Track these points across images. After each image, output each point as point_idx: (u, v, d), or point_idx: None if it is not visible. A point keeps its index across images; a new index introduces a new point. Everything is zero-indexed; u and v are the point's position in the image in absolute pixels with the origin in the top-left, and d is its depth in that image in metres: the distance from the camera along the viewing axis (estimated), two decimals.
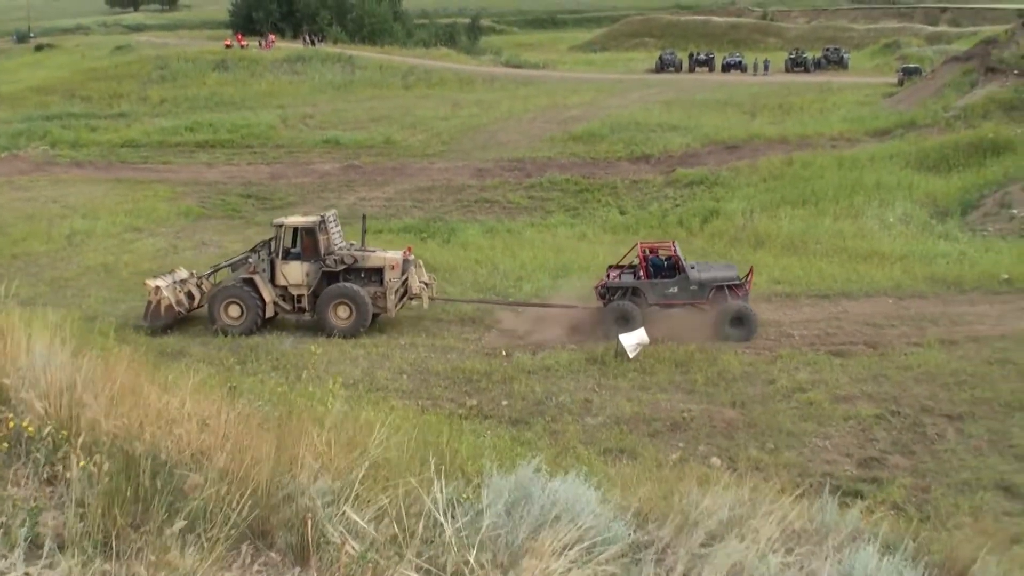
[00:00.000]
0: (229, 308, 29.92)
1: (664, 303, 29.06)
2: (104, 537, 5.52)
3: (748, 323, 28.60)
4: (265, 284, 30.19)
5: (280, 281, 30.40)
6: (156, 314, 29.74)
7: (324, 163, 55.78)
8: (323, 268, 30.23)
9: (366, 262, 30.64)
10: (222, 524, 5.66)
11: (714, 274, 29.62)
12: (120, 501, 5.70)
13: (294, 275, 30.32)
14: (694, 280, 29.03)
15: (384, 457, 7.28)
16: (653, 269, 29.75)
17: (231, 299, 29.96)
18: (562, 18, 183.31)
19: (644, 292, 29.07)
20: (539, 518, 6.05)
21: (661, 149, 55.13)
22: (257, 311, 29.91)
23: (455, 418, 21.41)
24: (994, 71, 65.77)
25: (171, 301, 29.82)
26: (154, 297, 29.70)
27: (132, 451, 6.23)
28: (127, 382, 7.95)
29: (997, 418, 22.92)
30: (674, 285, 29.08)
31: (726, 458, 21.06)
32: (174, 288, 30.26)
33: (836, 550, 6.95)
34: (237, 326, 29.71)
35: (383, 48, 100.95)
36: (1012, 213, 41.54)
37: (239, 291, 30.03)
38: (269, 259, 30.54)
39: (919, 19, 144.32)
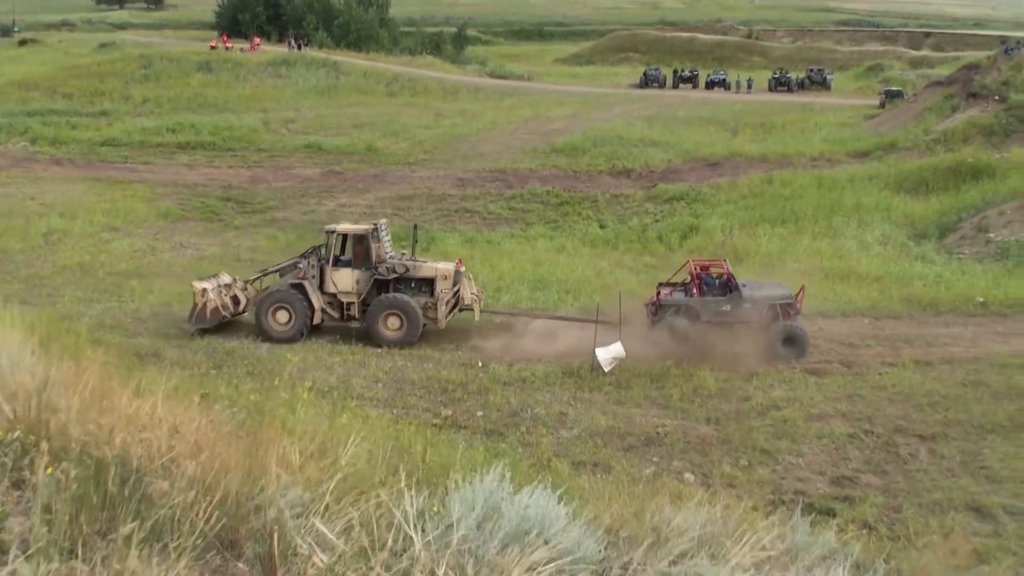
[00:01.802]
0: (277, 313, 29.68)
1: (716, 321, 28.71)
2: (70, 544, 5.46)
3: (800, 342, 28.48)
4: (314, 290, 29.96)
5: (329, 288, 30.19)
6: (202, 316, 29.62)
7: (305, 168, 55.70)
8: (375, 276, 30.03)
9: (418, 272, 30.45)
10: (189, 533, 5.61)
11: (766, 292, 29.33)
12: (87, 508, 5.65)
13: (344, 282, 30.15)
14: (747, 298, 28.75)
15: (356, 467, 7.24)
16: (705, 287, 29.59)
17: (280, 304, 29.70)
18: (549, 30, 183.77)
19: (697, 310, 28.81)
20: (509, 533, 6.01)
21: (643, 164, 55.24)
22: (306, 317, 29.68)
23: (429, 428, 21.37)
24: (975, 96, 66.21)
25: (217, 304, 29.71)
26: (200, 300, 29.54)
27: (101, 457, 6.18)
28: (98, 385, 7.88)
29: (969, 439, 23.05)
30: (727, 303, 28.81)
31: (700, 474, 21.12)
32: (219, 291, 30.09)
33: (807, 570, 6.94)
34: (285, 332, 29.53)
35: (368, 55, 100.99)
36: (989, 237, 41.73)
37: (289, 296, 29.78)
38: (319, 265, 30.31)
39: (903, 43, 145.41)
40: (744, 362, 27.51)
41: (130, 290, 33.53)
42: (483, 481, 6.84)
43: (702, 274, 29.84)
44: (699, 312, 28.69)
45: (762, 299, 28.86)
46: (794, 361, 28.02)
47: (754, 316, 28.63)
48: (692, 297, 29.27)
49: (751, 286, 29.47)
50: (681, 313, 28.83)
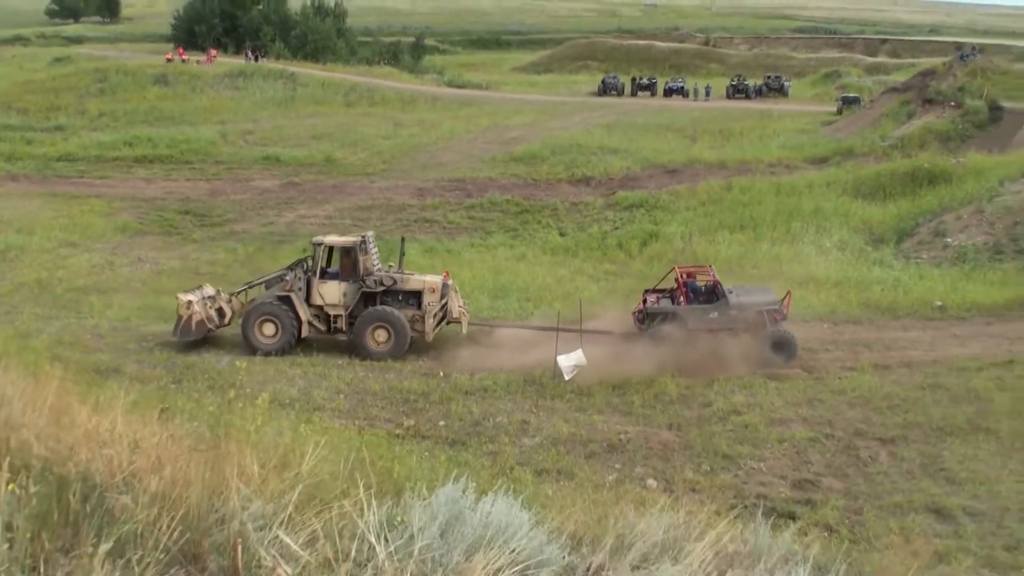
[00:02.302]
0: (264, 326, 29.44)
1: (704, 329, 28.52)
2: (32, 562, 5.45)
3: (789, 347, 28.48)
4: (301, 303, 29.72)
5: (316, 301, 29.93)
6: (187, 329, 29.34)
7: (264, 180, 55.47)
8: (362, 289, 29.87)
9: (405, 285, 30.28)
10: (153, 548, 5.60)
11: (754, 298, 29.31)
12: (50, 525, 5.64)
13: (331, 295, 29.92)
14: (734, 305, 28.68)
15: (318, 479, 7.24)
16: (692, 294, 29.51)
17: (267, 317, 29.48)
18: (506, 39, 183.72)
19: (685, 318, 28.68)
20: (473, 540, 6.04)
21: (602, 172, 55.40)
22: (293, 330, 29.45)
23: (392, 438, 21.36)
24: (931, 102, 67.05)
25: (203, 316, 29.49)
26: (185, 312, 29.27)
27: (63, 473, 6.16)
28: (58, 402, 7.86)
29: (929, 442, 23.23)
30: (715, 310, 28.71)
31: (662, 480, 21.18)
32: (204, 304, 29.88)
33: (769, 572, 6.99)
34: (271, 345, 29.31)
35: (326, 65, 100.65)
36: (946, 242, 42.08)
37: (275, 309, 29.52)
38: (305, 278, 30.11)
39: (859, 49, 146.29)
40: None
41: (89, 306, 33.25)
42: (445, 490, 6.86)
43: (688, 281, 29.82)
44: (687, 320, 28.59)
45: (749, 305, 28.84)
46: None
47: (741, 323, 28.60)
48: (679, 304, 29.17)
49: (737, 292, 29.47)
50: (668, 321, 28.76)
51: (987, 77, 70.26)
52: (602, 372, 26.93)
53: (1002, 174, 47.10)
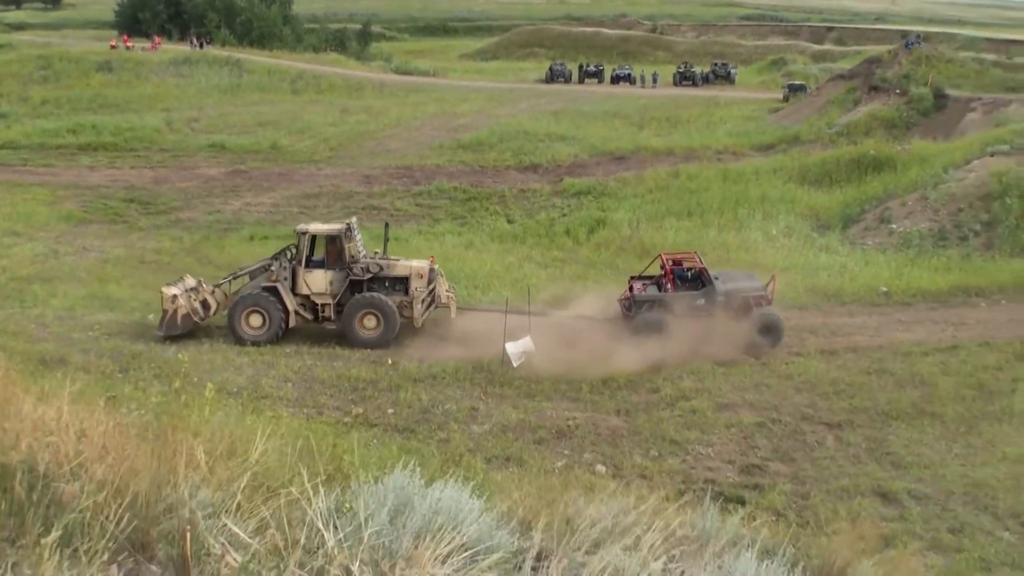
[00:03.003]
0: (251, 317, 29.10)
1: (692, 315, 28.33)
2: None
3: (776, 331, 28.61)
4: (288, 293, 29.41)
5: (302, 290, 29.62)
6: (173, 323, 28.91)
7: (209, 168, 55.03)
8: (350, 277, 29.60)
9: (392, 271, 29.99)
10: (100, 536, 5.57)
11: (739, 284, 29.27)
12: None
13: (318, 284, 29.62)
14: (721, 291, 28.62)
15: (266, 467, 7.21)
16: (678, 281, 29.48)
17: (253, 308, 29.15)
18: (453, 26, 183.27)
19: (671, 305, 28.58)
20: (422, 526, 6.04)
21: (549, 159, 55.47)
22: (281, 321, 29.14)
23: (341, 426, 21.30)
24: (877, 89, 67.66)
25: (188, 309, 29.13)
26: (171, 306, 28.87)
27: (7, 463, 6.11)
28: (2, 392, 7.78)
29: (874, 426, 23.49)
30: (701, 297, 28.64)
31: (611, 465, 21.25)
32: (189, 296, 29.53)
33: (716, 556, 7.04)
34: (259, 336, 29.00)
35: (272, 52, 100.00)
36: (891, 228, 42.42)
37: (262, 300, 29.17)
38: (291, 267, 29.81)
39: (805, 37, 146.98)
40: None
41: (33, 295, 32.85)
42: (394, 477, 6.86)
43: (675, 268, 29.81)
44: (674, 306, 28.49)
45: (736, 291, 28.83)
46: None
47: (728, 309, 28.55)
48: (666, 292, 29.14)
49: (723, 278, 29.47)
50: (656, 308, 28.71)
51: (932, 65, 70.81)
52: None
53: (946, 161, 47.48)
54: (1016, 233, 40.02)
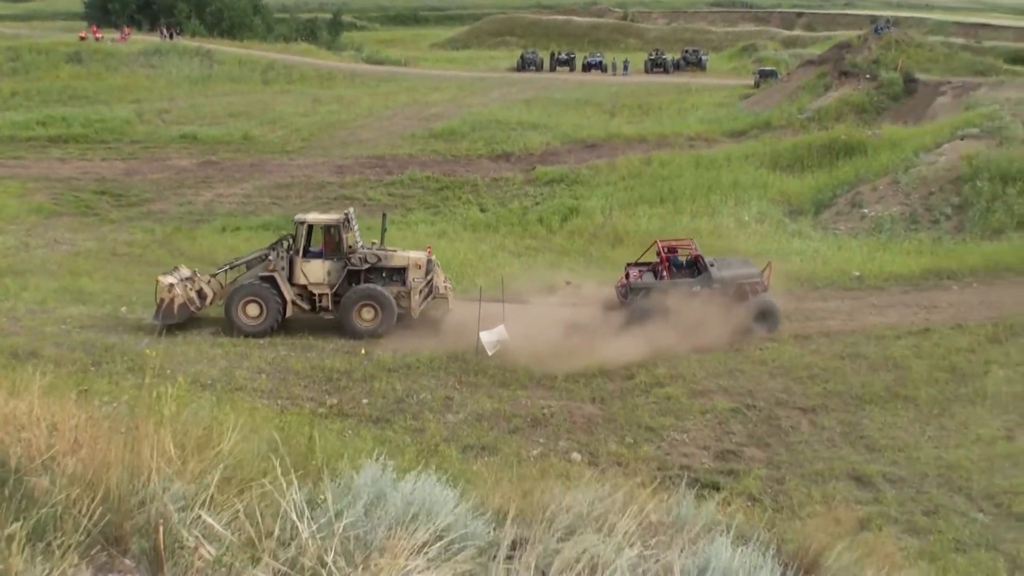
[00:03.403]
0: (247, 307, 28.97)
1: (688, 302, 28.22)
2: None
3: (773, 317, 28.72)
4: (285, 283, 29.26)
5: (300, 280, 29.45)
6: (169, 312, 28.76)
7: (181, 159, 54.78)
8: (348, 267, 29.45)
9: (390, 261, 29.84)
10: (73, 530, 5.54)
11: (735, 271, 29.26)
12: None
13: (315, 274, 29.47)
14: (717, 278, 28.65)
15: (240, 459, 7.19)
16: (674, 268, 29.43)
17: (250, 298, 29.01)
18: (424, 15, 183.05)
19: (669, 292, 28.51)
20: (397, 518, 6.02)
21: (522, 147, 55.54)
22: (278, 311, 29.04)
23: (315, 417, 21.25)
24: (847, 75, 67.99)
25: (184, 299, 28.97)
26: (167, 295, 28.71)
27: None
28: None
29: (848, 410, 23.61)
30: (698, 284, 28.66)
31: (586, 453, 21.29)
32: (185, 286, 29.35)
33: (692, 542, 7.03)
34: (256, 326, 28.90)
35: (242, 42, 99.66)
36: (863, 212, 42.63)
37: (260, 290, 29.04)
38: (288, 257, 29.64)
39: (776, 23, 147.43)
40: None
41: (4, 289, 32.64)
42: (369, 467, 6.84)
43: (670, 255, 29.79)
44: (671, 294, 28.40)
45: (731, 278, 28.88)
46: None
47: (724, 296, 28.58)
48: (663, 279, 29.15)
49: (719, 264, 29.47)
50: (652, 295, 28.65)
51: (902, 49, 71.12)
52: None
53: (917, 145, 47.72)
54: (987, 216, 40.26)
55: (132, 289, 32.31)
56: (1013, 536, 18.50)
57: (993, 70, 71.65)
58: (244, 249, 36.83)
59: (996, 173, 41.89)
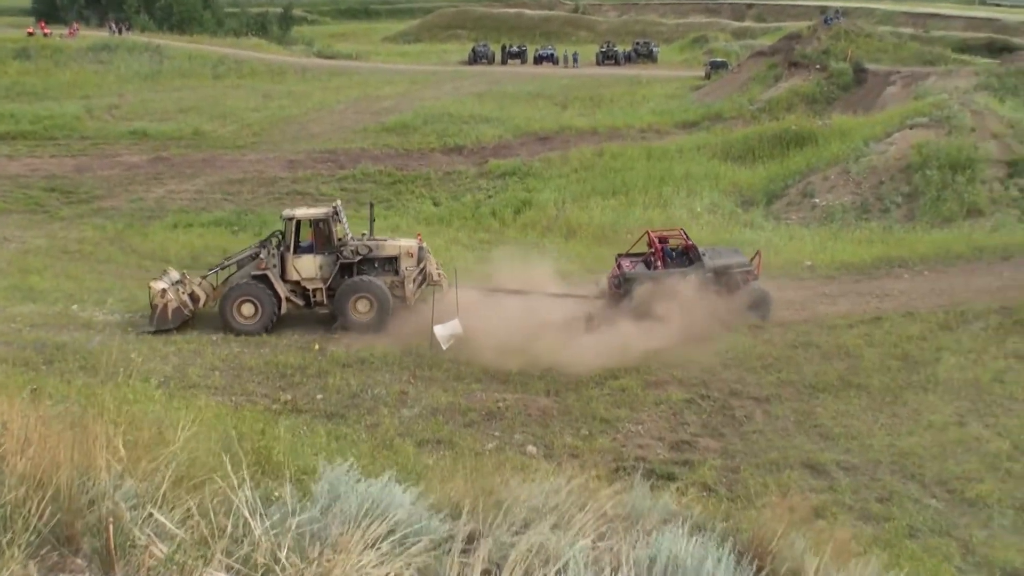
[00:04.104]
0: (242, 307, 28.84)
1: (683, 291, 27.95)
2: None
3: (766, 305, 28.93)
4: (278, 280, 29.11)
5: (292, 276, 29.34)
6: (163, 317, 28.55)
7: (131, 155, 54.35)
8: (340, 260, 29.32)
9: (381, 251, 29.75)
10: (23, 530, 5.49)
11: (727, 260, 29.40)
12: None
13: (307, 269, 29.36)
14: (710, 267, 28.69)
15: (193, 456, 7.14)
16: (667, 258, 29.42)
17: (245, 297, 28.89)
18: (375, 9, 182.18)
19: (664, 280, 28.35)
20: (350, 512, 6.01)
21: (474, 140, 55.58)
22: (273, 308, 28.91)
23: (269, 414, 21.17)
24: (797, 65, 68.37)
25: (178, 303, 28.76)
26: (160, 300, 28.51)
27: None
28: None
29: (802, 399, 23.75)
30: (691, 273, 28.56)
31: (542, 446, 21.32)
32: (177, 290, 29.16)
33: (647, 533, 7.04)
34: (251, 325, 28.75)
35: (192, 37, 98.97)
36: (814, 202, 42.90)
37: (254, 289, 28.94)
38: (279, 254, 29.47)
39: (726, 14, 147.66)
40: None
41: None
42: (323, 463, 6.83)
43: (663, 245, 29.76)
44: (666, 284, 28.23)
45: (723, 267, 28.98)
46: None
47: (717, 285, 28.59)
48: (656, 268, 29.08)
49: (710, 254, 29.55)
50: (648, 283, 28.46)
51: (851, 40, 71.53)
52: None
53: (867, 134, 48.06)
54: (937, 204, 40.66)
55: (83, 287, 32.08)
56: (966, 521, 18.69)
57: (942, 59, 72.26)
58: (197, 245, 36.69)
59: (945, 162, 42.32)
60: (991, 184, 41.92)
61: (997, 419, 23.06)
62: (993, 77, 59.13)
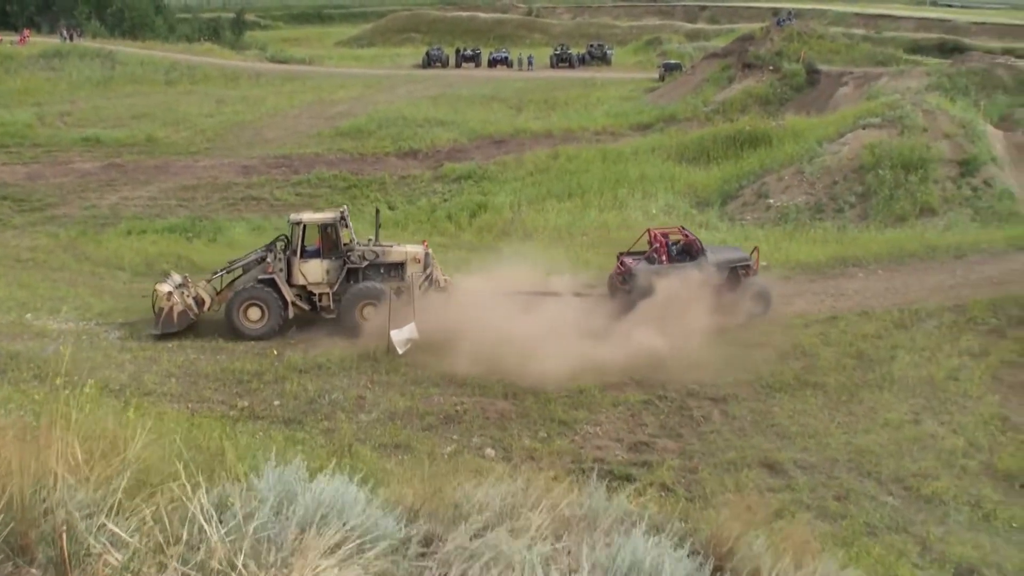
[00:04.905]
0: (249, 311, 28.76)
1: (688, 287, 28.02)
2: None
3: (767, 299, 29.20)
4: (284, 284, 29.00)
5: (298, 280, 29.23)
6: (169, 321, 28.47)
7: (84, 162, 53.92)
8: (347, 265, 29.20)
9: (387, 257, 29.66)
10: None
11: (728, 256, 29.78)
12: None
13: (314, 274, 29.29)
14: (713, 262, 28.83)
15: (148, 464, 7.10)
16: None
17: (251, 301, 28.78)
18: (328, 13, 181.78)
19: (671, 276, 28.31)
20: (306, 518, 5.99)
21: (429, 144, 55.56)
22: (280, 313, 28.80)
23: (226, 420, 21.08)
24: (750, 67, 68.76)
25: (183, 307, 28.65)
26: (166, 304, 28.41)
27: None
28: None
29: (759, 399, 23.92)
30: (695, 269, 28.67)
31: (500, 448, 21.39)
32: (182, 293, 29.03)
33: (605, 534, 7.06)
34: (258, 329, 28.68)
35: (145, 43, 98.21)
36: (769, 202, 43.12)
37: (261, 293, 28.84)
38: (285, 258, 29.31)
39: (679, 16, 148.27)
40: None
41: None
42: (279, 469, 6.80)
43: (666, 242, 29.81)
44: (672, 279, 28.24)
45: (725, 262, 29.23)
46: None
47: (721, 279, 28.73)
48: (662, 265, 29.09)
49: (711, 251, 29.80)
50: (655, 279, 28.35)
51: (804, 41, 71.97)
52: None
53: (820, 135, 48.38)
54: (889, 204, 41.01)
55: (36, 295, 31.83)
56: (922, 518, 18.90)
57: (893, 60, 72.88)
58: (151, 252, 36.51)
59: (898, 161, 42.69)
60: (943, 183, 42.28)
61: (952, 416, 23.34)
62: (944, 77, 59.82)
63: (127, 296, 32.44)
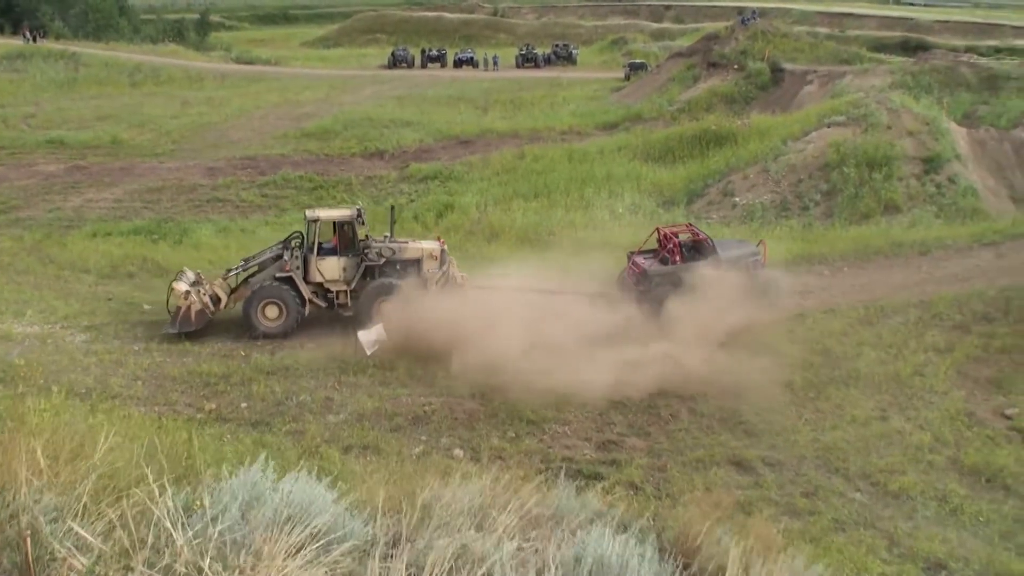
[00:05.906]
0: (267, 309, 28.55)
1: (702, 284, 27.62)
2: None
3: (778, 290, 29.16)
4: (302, 282, 28.82)
5: (315, 278, 29.01)
6: (187, 320, 28.27)
7: (48, 164, 53.61)
8: (364, 262, 29.01)
9: (404, 254, 29.41)
10: None
11: (739, 251, 29.62)
12: None
13: (331, 271, 29.06)
14: (725, 259, 28.65)
15: (115, 468, 7.07)
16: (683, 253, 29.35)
17: (270, 300, 28.58)
18: (294, 14, 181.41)
19: (682, 276, 28.07)
20: (272, 519, 5.99)
21: (395, 144, 55.56)
22: (298, 311, 28.63)
23: (193, 423, 20.99)
24: (715, 66, 69.05)
25: (200, 305, 28.46)
26: (184, 303, 28.21)
27: None
28: None
29: (726, 396, 23.91)
30: (708, 266, 28.42)
31: (469, 449, 21.36)
32: (199, 291, 28.80)
33: (572, 532, 7.08)
34: (276, 327, 28.51)
35: (109, 44, 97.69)
36: (735, 201, 43.24)
37: (278, 291, 28.62)
38: (302, 255, 29.13)
39: (644, 16, 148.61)
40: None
41: None
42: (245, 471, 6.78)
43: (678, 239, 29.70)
44: (684, 277, 28.08)
45: (737, 258, 29.09)
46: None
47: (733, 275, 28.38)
48: (673, 263, 28.93)
49: (722, 246, 29.67)
50: (668, 282, 28.26)
51: (768, 40, 72.25)
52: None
53: (785, 133, 48.54)
54: (854, 201, 41.24)
55: (0, 299, 31.57)
56: (890, 514, 19.00)
57: (857, 58, 73.18)
58: (116, 255, 36.32)
59: (862, 159, 42.92)
60: (907, 181, 42.51)
61: (918, 412, 23.49)
62: (908, 75, 60.15)
63: (92, 299, 32.24)
